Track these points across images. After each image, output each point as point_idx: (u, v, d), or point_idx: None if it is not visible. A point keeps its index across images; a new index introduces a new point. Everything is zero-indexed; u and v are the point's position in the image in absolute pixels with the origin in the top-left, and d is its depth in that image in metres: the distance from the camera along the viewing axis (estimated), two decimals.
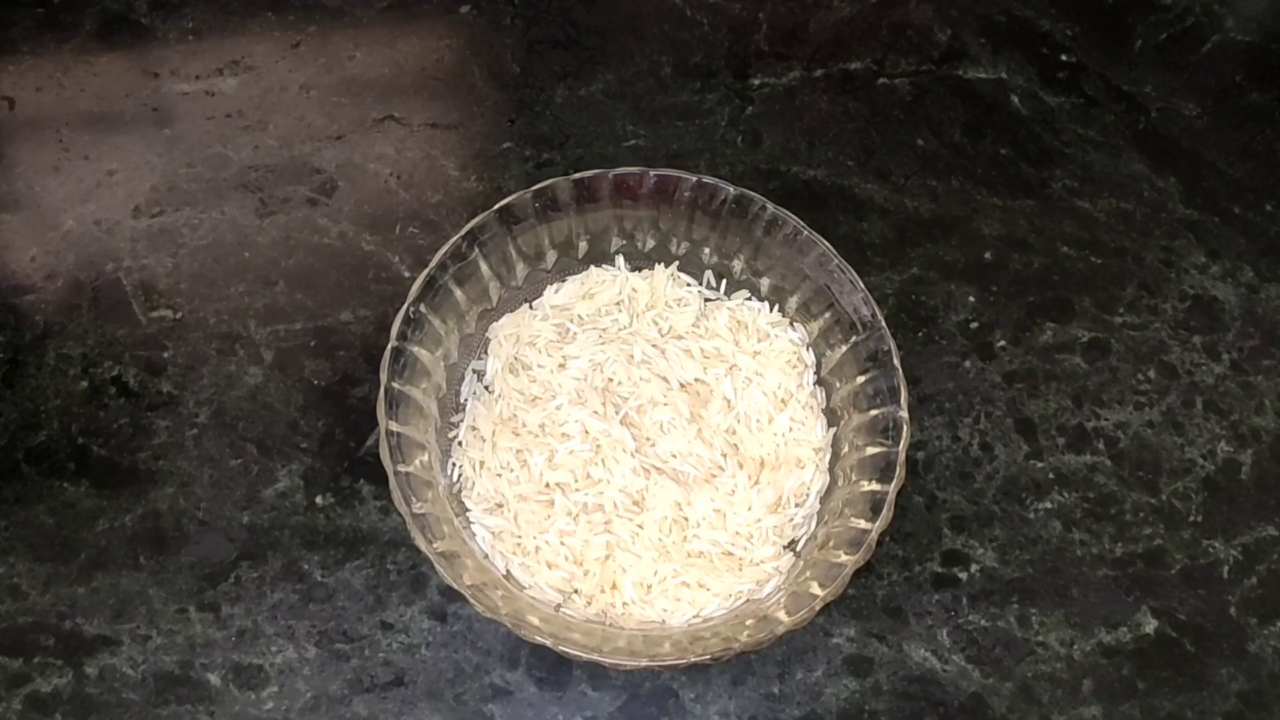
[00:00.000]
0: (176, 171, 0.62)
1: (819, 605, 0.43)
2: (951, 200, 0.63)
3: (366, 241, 0.60)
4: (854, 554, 0.44)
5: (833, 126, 0.65)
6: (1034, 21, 0.70)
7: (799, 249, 0.51)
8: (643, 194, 0.52)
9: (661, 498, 0.48)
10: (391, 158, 0.63)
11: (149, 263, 0.59)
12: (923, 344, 0.59)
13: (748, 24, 0.69)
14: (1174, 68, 0.69)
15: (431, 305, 0.50)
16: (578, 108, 0.65)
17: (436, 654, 0.50)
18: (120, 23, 0.66)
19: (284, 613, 0.51)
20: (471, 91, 0.65)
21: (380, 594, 0.51)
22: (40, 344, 0.57)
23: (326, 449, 0.54)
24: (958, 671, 0.51)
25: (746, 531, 0.48)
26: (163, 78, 0.65)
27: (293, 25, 0.67)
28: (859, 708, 0.50)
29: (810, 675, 0.51)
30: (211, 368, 0.56)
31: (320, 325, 0.58)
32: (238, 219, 0.60)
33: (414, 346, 0.49)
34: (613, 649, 0.44)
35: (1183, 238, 0.63)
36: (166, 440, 0.54)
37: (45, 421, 0.55)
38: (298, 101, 0.64)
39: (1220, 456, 0.57)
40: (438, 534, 0.45)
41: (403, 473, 0.46)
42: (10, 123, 0.63)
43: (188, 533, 0.52)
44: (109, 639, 0.50)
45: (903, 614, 0.52)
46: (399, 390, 0.47)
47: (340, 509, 0.53)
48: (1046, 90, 0.67)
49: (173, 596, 0.51)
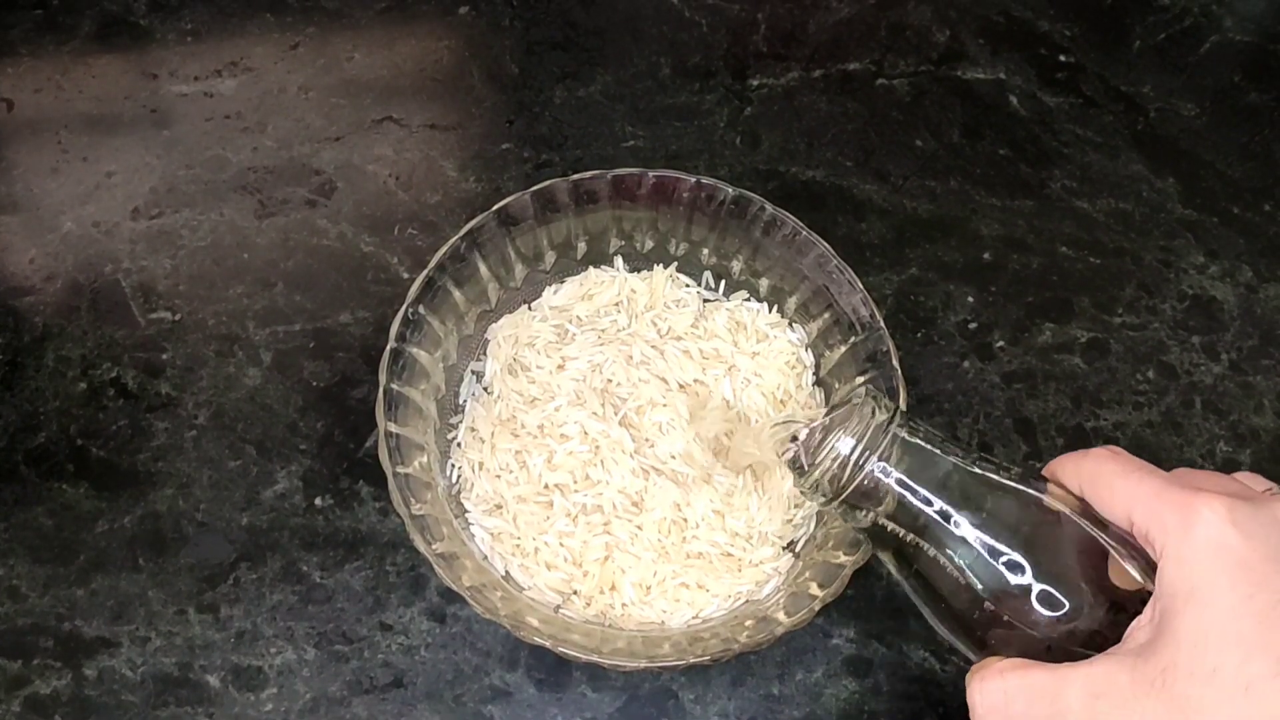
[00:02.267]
0: (175, 173, 0.62)
1: (818, 606, 0.43)
2: (950, 201, 0.63)
3: (365, 243, 0.60)
4: (853, 554, 0.44)
5: (831, 127, 0.65)
6: (1032, 22, 0.70)
7: (798, 250, 0.51)
8: (641, 195, 0.52)
9: (660, 499, 0.48)
10: (390, 159, 0.63)
11: (148, 264, 0.59)
12: (921, 344, 0.59)
13: (746, 25, 0.69)
14: (1173, 68, 0.69)
15: (430, 306, 0.50)
16: (576, 109, 0.65)
17: (436, 655, 0.50)
18: (119, 24, 0.66)
19: (283, 614, 0.51)
20: (470, 93, 0.65)
21: (379, 595, 0.51)
22: (39, 346, 0.57)
23: (326, 450, 0.54)
24: (957, 671, 0.51)
25: (746, 532, 0.48)
26: (161, 79, 0.65)
27: (291, 27, 0.67)
28: (859, 708, 0.50)
29: (810, 676, 0.51)
30: (210, 369, 0.56)
31: (319, 327, 0.58)
32: (236, 220, 0.60)
33: (413, 348, 0.49)
34: (612, 650, 0.44)
35: (1181, 238, 0.63)
36: (165, 442, 0.54)
37: (44, 423, 0.55)
38: (296, 103, 0.64)
39: (1219, 456, 0.57)
40: (437, 535, 0.45)
41: (402, 474, 0.46)
42: (9, 124, 0.63)
43: (187, 534, 0.52)
44: (108, 640, 0.50)
45: (902, 614, 0.52)
46: (398, 391, 0.47)
47: (339, 510, 0.53)
48: (1045, 91, 0.67)
49: (172, 598, 0.51)
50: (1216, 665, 0.28)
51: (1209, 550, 0.30)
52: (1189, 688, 0.29)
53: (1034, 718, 0.32)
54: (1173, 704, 0.29)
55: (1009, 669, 0.33)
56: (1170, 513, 0.31)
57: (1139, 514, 0.32)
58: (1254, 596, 0.29)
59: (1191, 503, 0.30)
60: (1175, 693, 0.29)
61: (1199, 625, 0.29)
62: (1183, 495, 0.31)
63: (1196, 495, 0.30)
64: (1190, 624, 0.29)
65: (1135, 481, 0.32)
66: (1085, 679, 0.31)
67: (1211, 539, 0.30)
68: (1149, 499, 0.32)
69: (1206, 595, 0.29)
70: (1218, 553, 0.30)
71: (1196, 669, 0.29)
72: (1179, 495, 0.31)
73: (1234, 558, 0.29)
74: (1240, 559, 0.29)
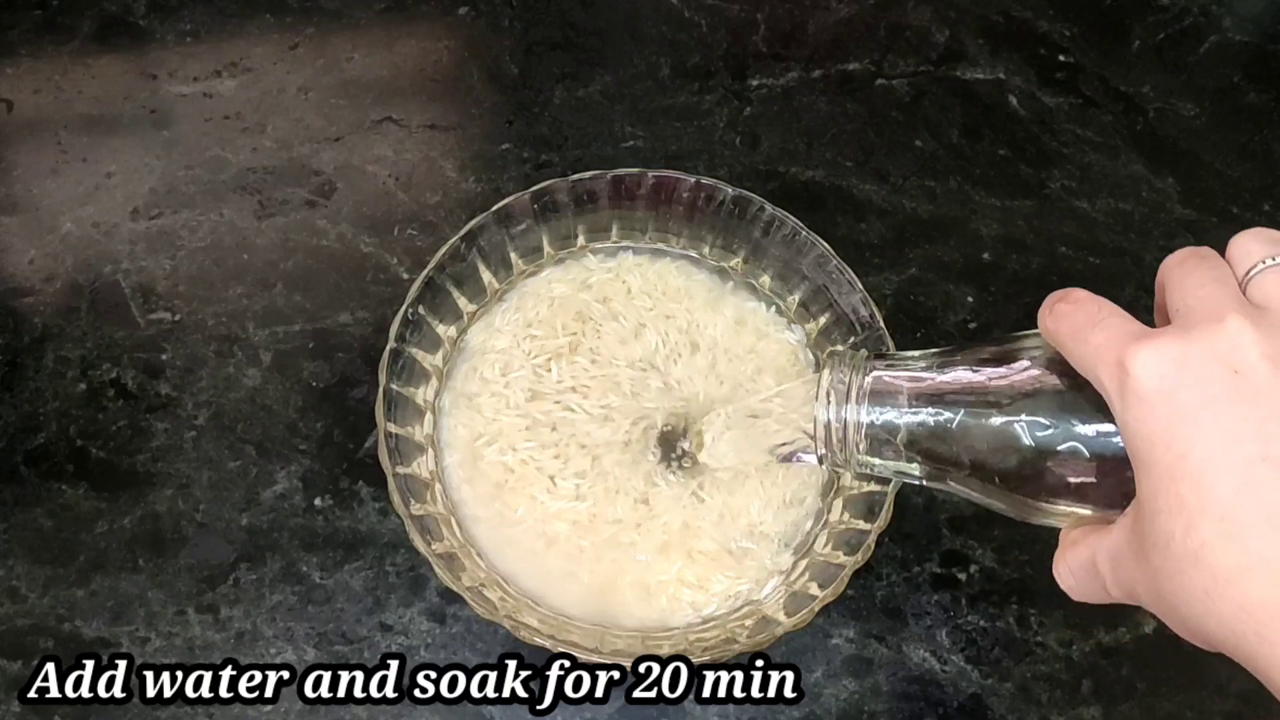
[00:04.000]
0: (175, 174, 0.62)
1: (818, 606, 0.43)
2: (950, 201, 0.63)
3: (365, 243, 0.60)
4: (853, 554, 0.44)
5: (831, 127, 0.66)
6: (1032, 22, 0.70)
7: (797, 249, 0.51)
8: (641, 195, 0.52)
9: (661, 498, 0.48)
10: (390, 159, 0.63)
11: (147, 265, 0.59)
12: (921, 345, 0.59)
13: (746, 25, 0.69)
14: (1172, 68, 0.69)
15: (430, 306, 0.50)
16: (576, 109, 0.65)
17: (435, 655, 0.50)
18: (118, 25, 0.66)
19: (283, 614, 0.51)
20: (470, 93, 0.65)
21: (379, 596, 0.51)
22: (39, 346, 0.56)
23: (325, 451, 0.54)
24: (957, 672, 0.51)
25: (746, 532, 0.48)
26: (161, 80, 0.65)
27: (291, 27, 0.67)
28: (858, 708, 0.50)
29: (810, 676, 0.51)
30: (210, 370, 0.56)
31: (319, 327, 0.58)
32: (236, 221, 0.60)
33: (413, 348, 0.49)
34: (612, 650, 0.44)
35: (1181, 238, 0.63)
36: (165, 442, 0.54)
37: (44, 424, 0.55)
38: (296, 103, 0.64)
39: None
40: (436, 536, 0.45)
41: (402, 474, 0.46)
42: (8, 125, 0.63)
43: (186, 535, 0.52)
44: (108, 641, 0.50)
45: (902, 614, 0.52)
46: (398, 392, 0.47)
47: (339, 511, 0.53)
48: (1045, 91, 0.67)
49: (172, 599, 0.51)
50: (1168, 535, 0.28)
51: (1141, 415, 0.28)
52: (1154, 558, 0.28)
53: (1091, 592, 0.33)
54: (1151, 574, 0.29)
55: (1061, 553, 0.34)
56: (1108, 380, 0.30)
57: (1093, 379, 0.31)
58: (1186, 456, 0.27)
59: (1123, 363, 0.29)
60: (1151, 565, 0.29)
61: (1148, 494, 0.28)
62: (1115, 354, 0.29)
63: (1127, 353, 0.29)
64: (1144, 493, 0.29)
65: (1081, 343, 0.31)
66: (1106, 549, 0.32)
67: (1143, 402, 0.28)
68: (1092, 364, 0.31)
69: (1147, 462, 0.28)
70: (1148, 418, 0.28)
71: (1156, 539, 0.28)
72: (1112, 356, 0.29)
73: (1164, 420, 0.28)
74: (1170, 419, 0.28)
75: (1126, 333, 0.30)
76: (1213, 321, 0.29)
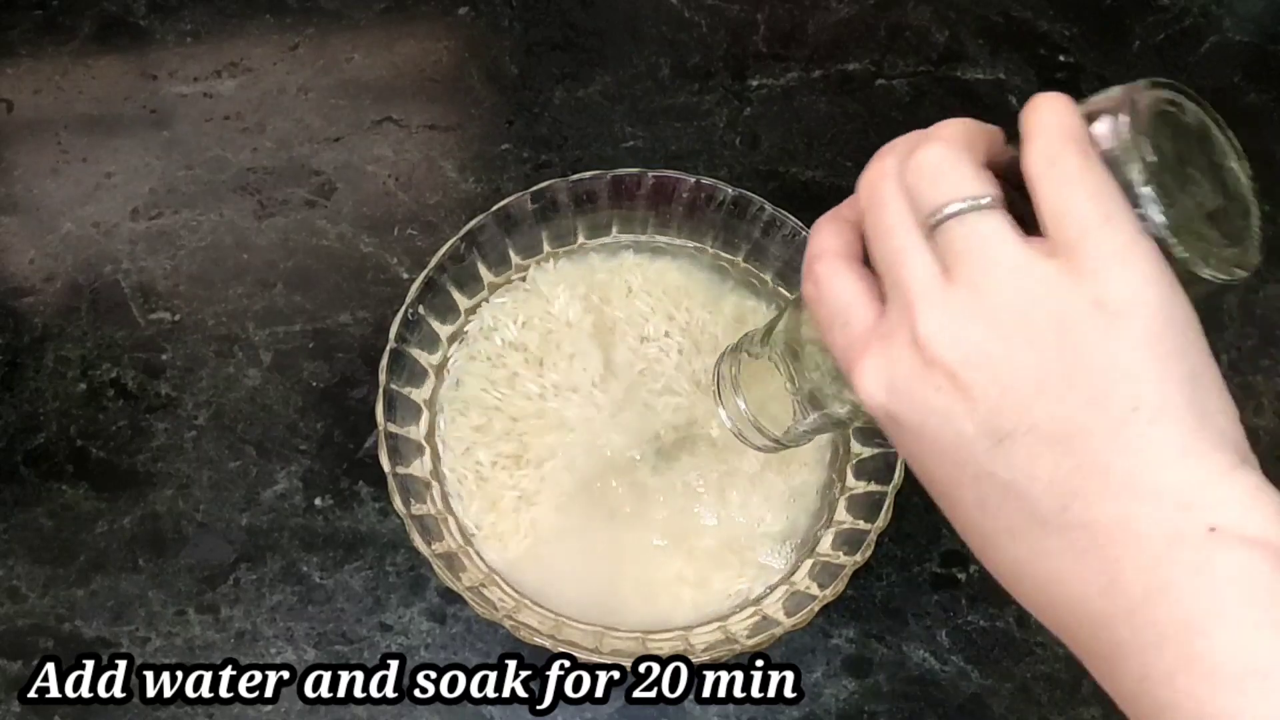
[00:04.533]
0: (175, 174, 0.62)
1: (818, 606, 0.43)
2: None
3: (365, 243, 0.60)
4: (853, 554, 0.44)
5: (831, 127, 0.66)
6: (1032, 22, 0.70)
7: (798, 249, 0.51)
8: (641, 195, 0.52)
9: (661, 496, 0.48)
10: (390, 159, 0.63)
11: (147, 265, 0.59)
12: None
13: (746, 25, 0.69)
14: (1172, 68, 0.69)
15: (430, 307, 0.50)
16: (576, 109, 0.65)
17: (435, 655, 0.50)
18: (118, 25, 0.66)
19: (283, 614, 0.51)
20: (470, 93, 0.65)
21: (379, 595, 0.51)
22: (39, 346, 0.56)
23: (325, 451, 0.54)
24: (957, 672, 0.51)
25: (747, 532, 0.48)
26: (161, 80, 0.65)
27: (291, 27, 0.67)
28: (858, 708, 0.50)
29: (810, 676, 0.51)
30: (210, 370, 0.56)
31: (319, 327, 0.58)
32: (236, 221, 0.60)
33: (413, 348, 0.49)
34: (612, 650, 0.44)
35: None
36: (165, 442, 0.54)
37: (44, 424, 0.55)
38: (296, 103, 0.64)
39: None
40: (436, 536, 0.45)
41: (401, 474, 0.46)
42: (8, 125, 0.63)
43: (187, 535, 0.52)
44: (108, 641, 0.50)
45: (902, 614, 0.52)
46: (398, 392, 0.48)
47: (339, 511, 0.53)
48: (1045, 91, 0.67)
49: (172, 598, 0.51)
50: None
51: (885, 428, 0.30)
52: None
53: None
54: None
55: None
56: (859, 391, 0.30)
57: None
58: (929, 479, 0.30)
59: (854, 378, 0.29)
60: None
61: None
62: (848, 366, 0.30)
63: (853, 370, 0.29)
64: None
65: (830, 340, 0.32)
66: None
67: (881, 418, 0.29)
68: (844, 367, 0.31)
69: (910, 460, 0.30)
70: (891, 432, 0.30)
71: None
72: (847, 366, 0.30)
73: (901, 441, 0.30)
74: (903, 441, 0.29)
75: (854, 338, 0.30)
76: (906, 322, 0.28)
